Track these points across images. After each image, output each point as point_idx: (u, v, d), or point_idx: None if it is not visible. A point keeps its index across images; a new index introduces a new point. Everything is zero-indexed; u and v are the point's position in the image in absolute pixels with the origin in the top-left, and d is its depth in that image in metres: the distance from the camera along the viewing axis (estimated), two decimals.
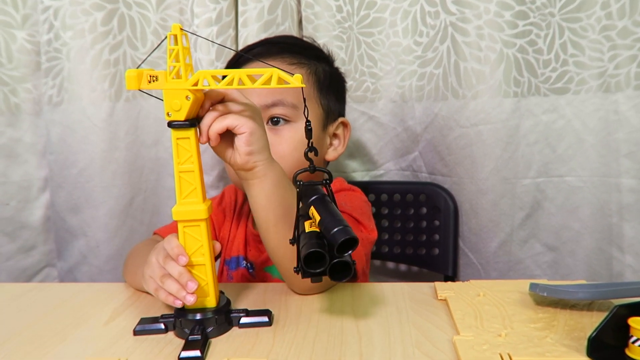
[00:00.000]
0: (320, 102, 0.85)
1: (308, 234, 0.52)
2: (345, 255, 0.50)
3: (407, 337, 0.55)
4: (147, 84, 0.54)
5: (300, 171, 0.55)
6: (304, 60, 0.84)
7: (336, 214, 0.50)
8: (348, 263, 0.51)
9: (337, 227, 0.48)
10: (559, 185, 0.99)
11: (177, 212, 0.57)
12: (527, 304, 0.60)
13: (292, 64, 0.82)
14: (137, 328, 0.59)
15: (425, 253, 1.04)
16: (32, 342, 0.58)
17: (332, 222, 0.49)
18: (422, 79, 1.02)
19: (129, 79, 0.53)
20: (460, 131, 1.00)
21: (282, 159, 0.77)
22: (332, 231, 0.48)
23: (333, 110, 0.87)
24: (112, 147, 1.08)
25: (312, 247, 0.50)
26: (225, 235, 0.88)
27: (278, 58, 0.81)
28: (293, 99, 0.79)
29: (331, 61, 0.92)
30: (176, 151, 0.56)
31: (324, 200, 0.53)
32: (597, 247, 0.98)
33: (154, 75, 0.53)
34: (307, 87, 0.82)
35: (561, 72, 0.95)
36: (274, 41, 0.91)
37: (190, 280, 0.56)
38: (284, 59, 0.82)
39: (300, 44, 0.93)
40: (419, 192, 1.05)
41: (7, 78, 1.08)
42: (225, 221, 0.89)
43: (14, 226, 1.14)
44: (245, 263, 0.85)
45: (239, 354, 0.53)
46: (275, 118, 0.80)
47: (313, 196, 0.53)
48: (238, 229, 0.88)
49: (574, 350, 0.50)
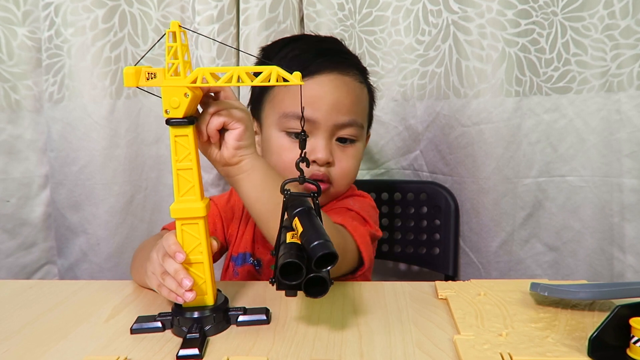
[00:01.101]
0: (367, 117, 0.87)
1: (288, 245, 0.51)
2: (323, 271, 0.48)
3: (408, 336, 0.55)
4: (145, 81, 0.53)
5: (289, 181, 0.55)
6: (362, 79, 0.84)
7: (319, 227, 0.49)
8: (324, 279, 0.49)
9: (318, 241, 0.46)
10: (560, 185, 0.99)
11: (175, 209, 0.56)
12: (528, 304, 0.60)
13: (361, 82, 0.83)
14: (134, 327, 0.58)
15: (426, 252, 1.04)
16: (33, 339, 0.58)
17: (313, 235, 0.47)
18: (424, 78, 1.02)
19: (127, 76, 0.53)
20: (462, 130, 1.00)
21: (347, 175, 0.81)
22: (312, 244, 0.46)
23: (370, 120, 0.89)
24: (113, 144, 1.07)
25: (289, 257, 0.48)
26: (233, 233, 0.88)
27: (351, 73, 0.81)
28: (362, 120, 0.83)
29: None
30: (174, 149, 0.55)
31: (309, 213, 0.52)
32: (598, 247, 0.98)
33: (152, 73, 0.53)
34: (365, 107, 0.85)
35: (563, 72, 0.95)
36: (326, 51, 0.83)
37: (185, 278, 0.56)
38: (355, 74, 0.82)
39: (349, 54, 0.88)
40: (420, 191, 1.04)
41: (8, 75, 1.08)
42: (234, 219, 0.89)
43: (14, 223, 1.14)
44: (252, 260, 0.85)
45: (239, 353, 0.53)
46: (344, 138, 0.81)
47: (299, 207, 0.53)
48: (247, 226, 0.87)
49: (575, 350, 0.49)
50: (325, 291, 0.49)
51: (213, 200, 0.91)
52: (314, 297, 0.50)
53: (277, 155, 0.80)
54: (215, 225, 0.88)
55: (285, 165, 0.79)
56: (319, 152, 0.77)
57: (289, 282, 0.49)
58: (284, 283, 0.50)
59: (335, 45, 0.88)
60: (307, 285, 0.49)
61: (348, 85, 0.80)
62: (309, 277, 0.48)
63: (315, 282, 0.49)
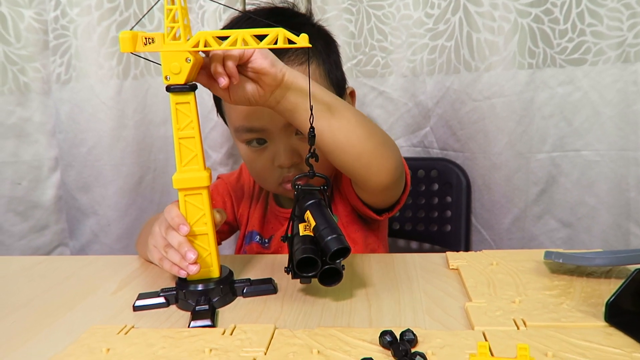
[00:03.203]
0: (333, 87, 0.76)
1: (302, 238, 0.54)
2: (337, 262, 0.51)
3: (418, 304, 0.54)
4: (143, 46, 0.52)
5: (300, 176, 0.55)
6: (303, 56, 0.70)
7: (331, 221, 0.52)
8: (339, 270, 0.52)
9: (332, 236, 0.49)
10: (574, 160, 0.97)
11: (178, 180, 0.55)
12: (542, 273, 0.58)
13: (302, 62, 0.70)
14: (136, 304, 0.57)
15: (437, 230, 1.03)
16: (41, 311, 0.58)
17: (327, 229, 0.50)
18: (434, 52, 1.00)
19: (123, 40, 0.51)
20: (473, 105, 0.98)
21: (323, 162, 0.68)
22: (326, 239, 0.49)
23: (340, 80, 0.79)
24: (121, 125, 1.07)
25: (305, 252, 0.51)
26: (244, 213, 0.87)
27: (285, 59, 0.69)
28: None
29: (313, 21, 0.79)
30: (175, 117, 0.54)
31: (320, 205, 0.54)
32: (613, 222, 0.96)
33: (150, 37, 0.51)
34: (321, 81, 0.72)
35: (578, 43, 0.92)
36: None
37: (189, 251, 0.55)
38: (292, 58, 0.70)
39: (289, 15, 0.78)
40: (431, 168, 1.03)
41: (16, 57, 1.08)
42: (245, 198, 0.87)
43: (26, 206, 1.15)
44: (259, 238, 0.84)
45: (246, 322, 0.52)
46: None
47: (310, 200, 0.54)
48: (257, 206, 0.86)
49: (590, 316, 0.48)
50: (339, 280, 0.53)
51: (222, 178, 0.91)
52: (328, 286, 0.53)
53: (248, 165, 0.78)
54: (225, 204, 0.87)
55: (257, 174, 0.78)
56: (279, 158, 0.72)
57: (305, 275, 0.53)
58: (300, 275, 0.53)
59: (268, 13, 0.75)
60: (322, 276, 0.53)
61: None
62: (324, 269, 0.52)
63: (329, 272, 0.52)
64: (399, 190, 0.72)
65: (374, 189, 0.69)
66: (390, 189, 0.69)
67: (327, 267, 0.52)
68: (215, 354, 0.45)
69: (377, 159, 0.63)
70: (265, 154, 0.73)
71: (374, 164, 0.63)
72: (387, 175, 0.65)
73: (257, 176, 0.80)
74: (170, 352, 0.46)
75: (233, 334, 0.48)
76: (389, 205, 0.74)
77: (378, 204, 0.74)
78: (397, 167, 0.66)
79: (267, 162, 0.74)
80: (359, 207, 0.74)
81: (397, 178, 0.68)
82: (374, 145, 0.63)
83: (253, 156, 0.75)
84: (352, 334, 0.47)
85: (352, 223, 0.78)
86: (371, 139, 0.62)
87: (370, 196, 0.72)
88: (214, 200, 0.86)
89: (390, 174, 0.65)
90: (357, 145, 0.61)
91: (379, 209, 0.74)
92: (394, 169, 0.66)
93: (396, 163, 0.66)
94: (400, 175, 0.69)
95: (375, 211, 0.74)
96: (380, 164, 0.64)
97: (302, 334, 0.47)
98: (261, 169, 0.75)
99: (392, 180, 0.67)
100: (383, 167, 0.64)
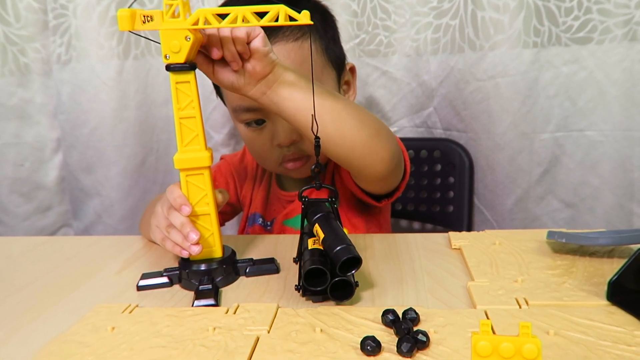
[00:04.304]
0: (331, 64, 0.76)
1: (310, 251, 0.51)
2: (348, 274, 0.48)
3: (420, 284, 0.54)
4: (142, 24, 0.51)
5: (306, 188, 0.54)
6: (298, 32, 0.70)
7: (340, 232, 0.50)
8: (350, 282, 0.50)
9: (340, 246, 0.47)
10: (578, 140, 0.96)
11: (179, 160, 0.55)
12: (544, 252, 0.58)
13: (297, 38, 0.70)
14: (140, 283, 0.57)
15: (440, 210, 1.02)
16: (46, 291, 0.58)
17: (335, 240, 0.48)
18: (438, 31, 0.99)
19: (121, 18, 0.50)
20: (477, 85, 0.97)
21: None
22: (335, 249, 0.47)
23: (339, 57, 0.79)
24: (122, 106, 1.07)
25: (313, 263, 0.49)
26: (247, 194, 0.87)
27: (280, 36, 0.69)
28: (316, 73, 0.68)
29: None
30: (176, 96, 0.53)
31: (328, 218, 0.52)
32: (617, 203, 0.96)
33: (149, 15, 0.51)
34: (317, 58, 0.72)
35: (584, 21, 0.91)
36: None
37: (191, 231, 0.55)
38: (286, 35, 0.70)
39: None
40: (434, 148, 1.02)
41: (16, 38, 1.07)
42: (248, 179, 0.87)
43: (30, 187, 1.15)
44: (261, 220, 0.84)
45: (249, 301, 0.52)
46: None
47: (318, 214, 0.53)
48: (260, 188, 0.86)
49: (593, 295, 0.48)
50: (351, 294, 0.50)
51: (226, 159, 0.90)
52: (339, 301, 0.50)
53: (248, 145, 0.78)
54: (228, 185, 0.87)
55: (257, 154, 0.78)
56: (278, 137, 0.72)
57: (314, 288, 0.50)
58: (309, 289, 0.50)
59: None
60: (332, 290, 0.49)
61: (283, 55, 0.69)
62: (334, 282, 0.49)
63: (340, 285, 0.49)
64: (397, 178, 0.72)
65: (370, 179, 0.69)
66: (387, 178, 0.69)
67: (338, 279, 0.49)
68: (218, 332, 0.45)
69: (371, 150, 0.62)
70: (264, 133, 0.73)
71: (368, 154, 0.63)
72: (382, 165, 0.65)
73: (258, 156, 0.80)
74: (174, 331, 0.46)
75: (236, 313, 0.49)
76: (387, 192, 0.74)
77: (376, 191, 0.73)
78: (394, 157, 0.66)
79: (267, 141, 0.73)
80: (357, 194, 0.75)
81: (393, 167, 0.67)
82: (367, 136, 0.62)
83: (252, 136, 0.75)
84: (355, 312, 0.47)
85: (353, 209, 0.78)
86: (364, 129, 0.61)
87: (367, 185, 0.72)
88: (217, 181, 0.86)
89: (385, 164, 0.65)
90: (349, 136, 0.60)
91: (377, 195, 0.74)
92: (389, 159, 0.65)
93: (392, 152, 0.65)
94: (397, 164, 0.68)
95: (374, 197, 0.74)
96: (375, 155, 0.63)
97: (304, 313, 0.48)
98: (261, 149, 0.75)
99: (389, 170, 0.66)
100: (378, 157, 0.64)
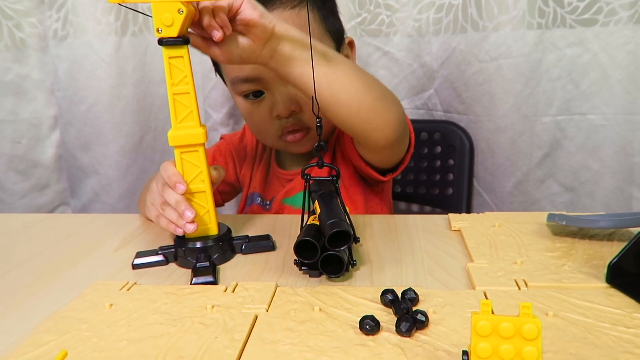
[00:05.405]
0: (329, 34, 0.75)
1: (307, 226, 0.52)
2: (340, 250, 0.49)
3: (419, 265, 0.54)
4: None
5: (309, 166, 0.53)
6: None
7: (336, 208, 0.50)
8: (340, 257, 0.49)
9: (331, 220, 0.48)
10: (580, 124, 0.95)
11: (174, 137, 0.54)
12: (544, 235, 0.58)
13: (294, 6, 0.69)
14: (135, 262, 0.57)
15: (439, 193, 1.02)
16: (44, 268, 0.58)
17: (328, 214, 0.49)
18: (440, 11, 0.97)
19: None
20: (479, 66, 0.96)
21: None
22: (326, 223, 0.48)
23: (337, 29, 0.76)
24: (120, 83, 1.05)
25: (305, 236, 0.49)
26: (246, 174, 0.86)
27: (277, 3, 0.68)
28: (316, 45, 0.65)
29: None
30: (169, 72, 0.52)
31: (327, 195, 0.53)
32: (617, 187, 0.95)
33: None
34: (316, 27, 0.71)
35: (590, 2, 0.89)
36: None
37: (187, 209, 0.54)
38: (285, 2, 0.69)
39: None
40: (434, 131, 1.02)
41: (11, 12, 1.05)
42: (247, 159, 0.87)
43: (27, 164, 1.14)
44: (260, 200, 0.84)
45: (248, 279, 0.52)
46: None
47: (319, 192, 0.54)
48: (259, 168, 0.86)
49: (592, 277, 0.48)
50: (342, 268, 0.50)
51: (225, 138, 0.90)
52: (333, 276, 0.50)
53: (247, 119, 0.77)
54: (227, 165, 0.87)
55: (256, 127, 0.77)
56: (277, 107, 0.71)
57: (305, 260, 0.50)
58: (301, 261, 0.51)
59: None
60: (325, 264, 0.50)
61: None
62: (325, 255, 0.49)
63: (333, 260, 0.50)
64: (403, 148, 0.71)
65: (376, 145, 0.67)
66: (393, 145, 0.68)
67: (329, 253, 0.49)
68: (217, 310, 0.45)
69: (377, 113, 0.61)
70: (262, 105, 0.72)
71: (374, 118, 0.61)
72: (388, 130, 0.63)
73: (257, 130, 0.79)
74: (172, 308, 0.46)
75: (235, 291, 0.48)
76: (392, 165, 0.73)
77: (381, 162, 0.72)
78: (400, 122, 0.64)
79: (265, 113, 0.72)
80: (361, 167, 0.73)
81: (399, 134, 0.66)
82: (373, 98, 0.60)
83: (251, 109, 0.74)
84: (354, 292, 0.47)
85: (354, 185, 0.77)
86: (370, 92, 0.60)
87: (373, 154, 0.71)
88: (217, 161, 0.86)
89: (391, 129, 0.63)
90: (355, 98, 0.59)
91: (382, 169, 0.73)
92: (396, 124, 0.63)
93: (398, 117, 0.64)
94: (403, 131, 0.67)
95: (378, 172, 0.73)
96: (380, 118, 0.62)
97: (303, 292, 0.48)
98: (260, 121, 0.74)
99: (395, 136, 0.65)
100: (384, 121, 0.62)
